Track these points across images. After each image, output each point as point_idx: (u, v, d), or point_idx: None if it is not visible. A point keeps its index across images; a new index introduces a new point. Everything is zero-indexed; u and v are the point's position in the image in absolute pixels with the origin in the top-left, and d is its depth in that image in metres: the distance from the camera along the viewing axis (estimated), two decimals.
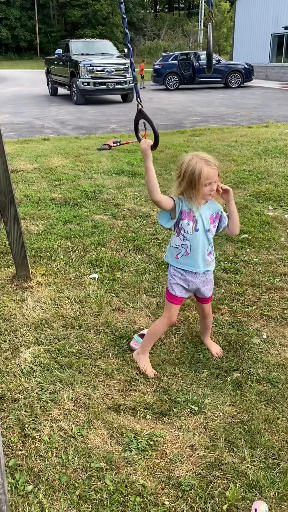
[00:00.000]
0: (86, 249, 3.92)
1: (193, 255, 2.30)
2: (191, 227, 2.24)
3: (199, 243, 2.28)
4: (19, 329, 2.83)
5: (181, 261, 2.33)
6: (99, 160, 6.97)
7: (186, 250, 2.30)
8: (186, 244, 2.29)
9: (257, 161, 6.82)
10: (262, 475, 1.85)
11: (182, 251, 2.31)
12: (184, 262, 2.32)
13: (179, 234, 2.28)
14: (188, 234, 2.25)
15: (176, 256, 2.34)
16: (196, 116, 12.35)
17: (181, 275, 2.35)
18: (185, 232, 2.25)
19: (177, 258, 2.34)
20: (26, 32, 53.26)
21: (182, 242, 2.29)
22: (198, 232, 2.25)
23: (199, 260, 2.31)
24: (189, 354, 2.59)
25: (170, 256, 2.38)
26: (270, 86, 22.60)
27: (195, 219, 2.23)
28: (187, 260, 2.31)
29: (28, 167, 6.57)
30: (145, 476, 1.85)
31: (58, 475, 1.86)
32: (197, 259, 2.31)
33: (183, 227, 2.25)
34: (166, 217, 2.28)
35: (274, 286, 3.29)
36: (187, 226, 2.23)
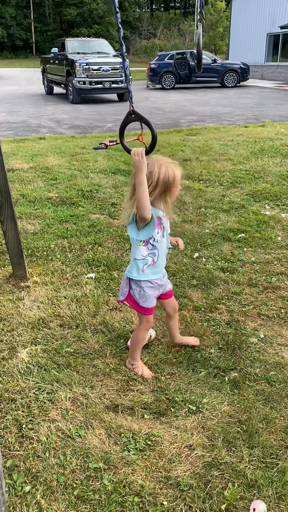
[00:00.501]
0: (83, 249, 3.91)
1: (159, 262, 2.29)
2: (160, 235, 2.22)
3: (163, 251, 2.29)
4: (16, 329, 2.81)
5: (147, 271, 2.27)
6: (95, 159, 6.96)
7: (153, 259, 2.26)
8: (154, 253, 2.25)
9: (253, 160, 6.82)
10: (261, 474, 1.85)
11: (149, 260, 2.25)
12: (150, 271, 2.28)
13: (147, 243, 2.22)
14: (157, 242, 2.23)
15: (142, 269, 2.26)
16: (193, 116, 12.35)
17: (151, 283, 2.30)
18: (154, 241, 2.22)
19: (144, 270, 2.26)
20: (22, 31, 53.05)
21: (150, 251, 2.24)
22: (164, 238, 2.26)
23: (162, 265, 2.34)
24: (186, 353, 2.59)
25: (135, 271, 2.28)
26: (266, 85, 22.63)
27: (162, 226, 2.23)
28: (153, 269, 2.28)
29: (24, 166, 6.54)
30: (143, 476, 1.85)
31: (56, 475, 1.85)
32: (161, 264, 2.32)
33: (154, 237, 2.20)
34: (135, 229, 2.19)
35: (271, 285, 3.29)
36: (157, 234, 2.20)
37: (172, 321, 2.59)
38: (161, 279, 2.37)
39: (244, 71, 21.68)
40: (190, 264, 3.63)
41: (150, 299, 2.33)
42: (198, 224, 4.43)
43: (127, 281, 2.35)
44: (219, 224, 4.41)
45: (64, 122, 11.36)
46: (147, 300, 2.32)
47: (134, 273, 2.29)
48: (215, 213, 4.71)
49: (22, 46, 54.88)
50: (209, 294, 3.19)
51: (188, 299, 3.13)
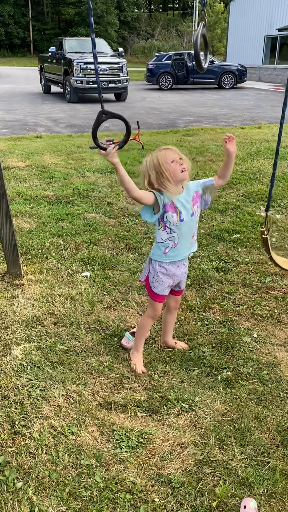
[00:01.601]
0: (78, 247, 3.91)
1: (181, 245, 2.31)
2: (176, 219, 2.22)
3: (186, 231, 2.28)
4: (10, 326, 2.81)
5: (170, 254, 2.32)
6: (91, 158, 6.96)
7: (174, 242, 2.29)
8: (173, 236, 2.27)
9: (249, 161, 6.85)
10: (252, 472, 1.86)
11: (170, 244, 2.29)
12: (173, 254, 2.32)
13: (164, 228, 2.26)
14: (174, 225, 2.24)
15: (164, 251, 2.31)
16: (189, 116, 12.37)
17: (166, 271, 2.34)
18: (171, 225, 2.24)
19: (166, 253, 2.31)
20: (20, 29, 52.86)
21: (169, 235, 2.27)
22: (183, 221, 2.24)
23: (186, 247, 2.34)
24: (180, 352, 2.59)
25: (157, 254, 2.35)
26: (263, 87, 22.70)
27: (178, 210, 2.22)
28: (175, 252, 2.31)
29: (20, 165, 6.54)
30: (135, 473, 1.86)
31: (48, 472, 1.85)
32: (184, 247, 2.32)
33: (168, 220, 2.23)
34: (149, 212, 2.25)
35: (265, 286, 3.31)
36: (172, 218, 2.22)
37: (170, 317, 2.62)
38: (178, 267, 2.36)
39: (242, 73, 21.74)
40: None
41: (162, 285, 2.36)
42: None
43: (149, 263, 2.40)
44: (214, 224, 4.43)
45: (61, 121, 11.35)
46: (159, 286, 2.36)
47: (157, 255, 2.34)
48: (211, 213, 4.73)
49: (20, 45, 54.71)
50: (203, 294, 3.21)
51: (183, 298, 3.14)
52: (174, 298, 2.56)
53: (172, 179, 2.15)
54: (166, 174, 2.14)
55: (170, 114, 12.85)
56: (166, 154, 2.15)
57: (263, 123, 10.78)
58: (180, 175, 2.16)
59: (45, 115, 12.32)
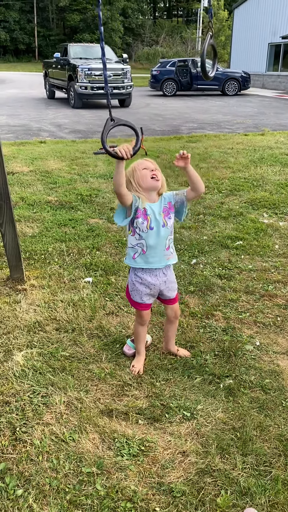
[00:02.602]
0: (80, 253, 3.91)
1: (150, 253, 2.31)
2: (145, 226, 2.26)
3: (155, 241, 2.29)
4: (12, 332, 2.81)
5: (138, 260, 2.34)
6: (95, 164, 6.98)
7: (142, 248, 2.31)
8: (141, 243, 2.30)
9: (252, 168, 6.85)
10: (254, 482, 1.85)
11: (139, 250, 2.32)
12: (142, 260, 2.34)
13: (134, 233, 2.31)
14: (143, 232, 2.27)
15: (133, 256, 2.35)
16: (193, 123, 12.41)
17: (141, 280, 2.37)
18: (140, 231, 2.28)
19: (134, 258, 2.35)
20: (25, 35, 53.28)
21: (138, 241, 2.31)
22: (153, 230, 2.27)
23: (157, 256, 2.33)
24: (182, 359, 2.59)
25: (128, 258, 2.39)
26: (266, 94, 22.76)
27: (149, 217, 2.25)
28: (144, 258, 2.33)
29: (24, 170, 6.56)
30: (136, 482, 1.85)
31: (48, 479, 1.84)
32: (154, 255, 2.33)
33: (138, 226, 2.27)
34: (121, 216, 2.29)
35: (268, 293, 3.30)
36: (141, 224, 2.26)
37: (170, 326, 2.60)
38: (156, 276, 2.37)
39: (245, 80, 21.82)
40: (188, 270, 3.64)
41: (139, 294, 2.40)
42: (196, 231, 4.44)
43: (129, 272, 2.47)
44: (217, 231, 4.43)
45: (65, 127, 11.40)
46: (136, 295, 2.41)
47: (128, 260, 2.40)
48: (214, 220, 4.73)
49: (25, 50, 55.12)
50: (205, 301, 3.20)
51: (185, 305, 3.13)
52: (169, 308, 2.55)
53: (142, 184, 2.23)
54: (136, 179, 2.23)
55: (174, 120, 12.89)
56: (141, 162, 2.26)
57: (267, 130, 10.80)
58: (150, 181, 2.23)
59: (49, 121, 12.38)
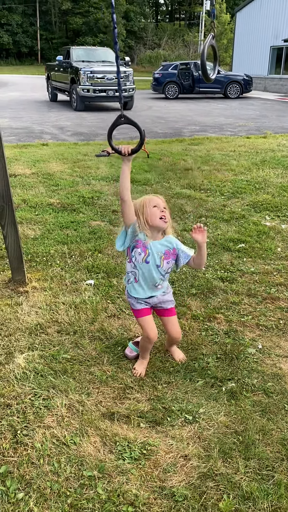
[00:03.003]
0: (82, 255, 3.91)
1: (141, 284, 2.37)
2: (142, 258, 2.29)
3: (147, 275, 2.33)
4: (13, 334, 2.80)
5: (130, 286, 2.42)
6: (97, 167, 6.99)
7: (135, 277, 2.37)
8: (135, 272, 2.35)
9: (255, 171, 6.85)
10: (256, 486, 1.83)
11: (131, 277, 2.38)
12: (133, 287, 2.40)
13: (130, 260, 2.35)
14: (138, 263, 2.31)
15: (127, 281, 2.43)
16: (195, 125, 12.42)
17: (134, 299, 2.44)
18: (136, 261, 2.31)
19: (128, 283, 2.43)
20: (28, 38, 53.50)
21: (132, 269, 2.36)
22: (149, 264, 2.30)
23: (146, 290, 2.38)
24: (183, 362, 2.57)
25: (125, 279, 2.49)
26: (268, 97, 22.78)
27: (148, 251, 2.28)
28: (136, 286, 2.38)
29: (26, 172, 6.57)
30: (137, 486, 1.83)
31: (49, 483, 1.83)
32: (144, 288, 2.38)
33: (135, 255, 2.31)
34: (122, 240, 2.33)
35: (270, 296, 3.29)
36: (139, 255, 2.30)
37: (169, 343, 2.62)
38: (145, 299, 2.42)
39: (247, 83, 21.83)
40: (190, 272, 3.63)
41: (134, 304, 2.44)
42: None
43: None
44: (219, 233, 4.42)
45: (67, 129, 11.42)
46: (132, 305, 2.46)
47: (125, 281, 2.50)
48: (216, 222, 4.72)
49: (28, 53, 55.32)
50: (208, 303, 3.19)
51: (187, 308, 3.12)
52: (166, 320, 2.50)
53: (148, 222, 2.24)
54: (145, 215, 2.24)
55: (176, 123, 12.90)
56: (152, 199, 2.28)
57: (269, 132, 10.80)
58: (157, 221, 2.24)
59: (51, 123, 12.40)
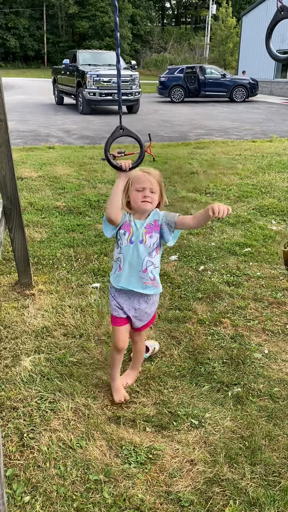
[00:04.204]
0: (88, 258, 3.92)
1: (126, 273, 2.14)
2: (126, 238, 2.11)
3: (133, 258, 2.12)
4: (19, 337, 2.81)
5: (115, 278, 2.19)
6: (103, 170, 7.00)
7: (119, 264, 2.16)
8: (120, 257, 2.15)
9: (260, 175, 6.84)
10: (262, 492, 1.83)
11: (116, 265, 2.18)
12: (117, 279, 2.18)
13: (117, 245, 2.18)
14: (123, 245, 2.13)
15: (114, 272, 2.21)
16: (201, 129, 12.43)
17: (113, 296, 2.23)
18: (121, 243, 2.13)
19: (114, 274, 2.21)
20: (34, 42, 53.81)
21: (118, 254, 2.16)
22: (133, 244, 2.11)
23: (132, 277, 2.14)
24: (190, 367, 2.57)
25: (111, 273, 2.26)
26: (274, 101, 22.77)
27: (132, 230, 2.11)
28: (119, 277, 2.16)
29: (32, 175, 6.60)
30: (143, 490, 1.83)
31: (56, 486, 1.83)
32: (130, 277, 2.14)
33: (120, 237, 2.14)
34: (110, 227, 2.17)
35: (277, 301, 3.28)
36: (123, 235, 2.12)
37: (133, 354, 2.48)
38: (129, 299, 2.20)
39: (253, 87, 21.84)
40: (196, 276, 3.62)
41: (111, 305, 2.25)
42: (204, 237, 4.43)
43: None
44: (225, 237, 4.42)
45: (73, 132, 11.47)
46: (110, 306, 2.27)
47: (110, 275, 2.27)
48: (222, 226, 4.72)
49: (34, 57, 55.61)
50: (214, 308, 3.19)
51: (193, 312, 3.12)
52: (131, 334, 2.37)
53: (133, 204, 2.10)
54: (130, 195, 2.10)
55: (182, 126, 12.92)
56: (138, 179, 2.08)
57: (275, 136, 10.79)
58: (139, 205, 2.08)
59: (57, 126, 12.46)
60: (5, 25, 50.95)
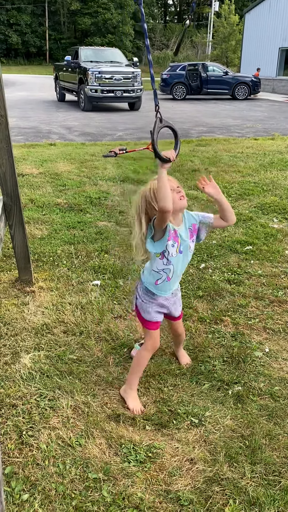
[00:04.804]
0: (89, 255, 3.90)
1: (174, 280, 2.20)
2: (175, 249, 2.10)
3: (181, 266, 2.18)
4: (19, 334, 2.80)
5: (161, 287, 2.20)
6: (104, 167, 6.98)
7: (168, 275, 2.16)
8: (169, 269, 2.14)
9: (262, 173, 6.82)
10: (262, 492, 1.81)
11: (164, 276, 2.16)
12: (163, 288, 2.20)
13: (162, 257, 2.12)
14: (172, 257, 2.11)
15: (156, 282, 2.19)
16: (203, 127, 12.39)
17: (154, 300, 2.23)
18: (169, 255, 2.10)
19: (157, 284, 2.19)
20: (36, 38, 53.67)
21: (165, 266, 2.14)
22: (182, 254, 2.14)
23: (175, 282, 2.24)
24: (189, 366, 2.56)
25: (149, 280, 2.21)
26: (277, 99, 22.69)
27: (179, 240, 2.11)
28: (166, 286, 2.20)
29: (33, 171, 6.58)
30: (143, 489, 1.82)
31: (54, 484, 1.82)
32: (175, 282, 2.22)
33: (168, 249, 2.09)
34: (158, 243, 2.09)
35: (278, 299, 3.26)
36: (171, 247, 2.09)
37: (174, 339, 2.60)
38: (168, 298, 2.27)
39: (255, 84, 21.76)
40: (196, 274, 3.61)
41: (151, 313, 2.24)
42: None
43: (137, 287, 2.31)
44: (226, 235, 4.40)
45: (75, 129, 11.43)
46: (148, 310, 2.24)
47: (148, 282, 2.23)
48: None
49: (36, 53, 55.48)
50: (214, 306, 3.17)
51: (193, 310, 3.11)
52: (173, 324, 2.45)
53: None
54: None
55: (184, 124, 12.88)
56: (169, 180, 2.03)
57: (277, 134, 10.75)
58: (179, 203, 2.06)
59: (59, 123, 12.43)
60: (7, 21, 50.81)
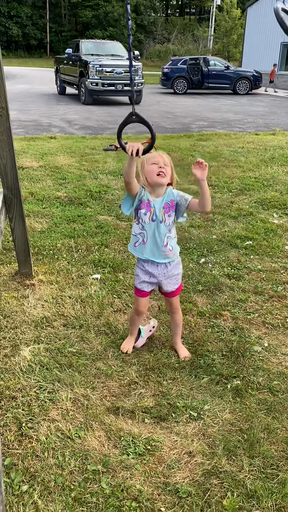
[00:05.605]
0: (89, 249, 3.90)
1: (149, 245, 2.38)
2: (148, 217, 2.32)
3: (155, 233, 2.35)
4: (19, 327, 2.81)
5: (138, 249, 2.42)
6: (105, 161, 6.97)
7: (143, 238, 2.39)
8: (143, 233, 2.37)
9: (263, 168, 6.80)
10: (260, 485, 1.83)
11: (140, 239, 2.40)
12: (141, 250, 2.41)
13: (138, 222, 2.37)
14: (145, 223, 2.34)
15: (134, 244, 2.43)
16: (203, 121, 12.35)
17: (142, 266, 2.46)
18: (143, 222, 2.34)
19: (135, 246, 2.43)
20: (37, 31, 53.34)
21: (141, 230, 2.38)
22: (155, 222, 2.33)
23: (155, 250, 2.39)
24: (188, 360, 2.56)
25: (130, 244, 2.48)
26: (278, 94, 22.61)
27: (152, 209, 2.31)
28: (144, 249, 2.40)
29: (34, 165, 6.56)
30: (141, 481, 1.83)
31: (54, 476, 1.84)
32: (153, 248, 2.39)
33: (141, 217, 2.34)
34: (128, 204, 2.35)
35: (277, 294, 3.27)
36: (144, 215, 2.32)
37: (171, 320, 2.67)
38: (156, 266, 2.43)
39: (257, 79, 21.69)
40: (196, 269, 3.61)
41: (138, 279, 2.49)
42: (205, 230, 4.41)
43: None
44: (226, 230, 4.40)
45: (75, 123, 11.40)
46: (136, 279, 2.51)
47: (130, 246, 2.49)
48: (223, 219, 4.69)
49: (37, 46, 55.17)
50: (214, 300, 3.18)
51: (193, 304, 3.11)
52: (167, 300, 2.62)
53: (148, 179, 2.26)
54: (144, 173, 2.26)
55: (184, 118, 12.84)
56: (152, 156, 2.26)
57: (278, 129, 10.72)
58: (155, 178, 2.24)
59: (59, 116, 12.38)
60: (7, 13, 50.47)
